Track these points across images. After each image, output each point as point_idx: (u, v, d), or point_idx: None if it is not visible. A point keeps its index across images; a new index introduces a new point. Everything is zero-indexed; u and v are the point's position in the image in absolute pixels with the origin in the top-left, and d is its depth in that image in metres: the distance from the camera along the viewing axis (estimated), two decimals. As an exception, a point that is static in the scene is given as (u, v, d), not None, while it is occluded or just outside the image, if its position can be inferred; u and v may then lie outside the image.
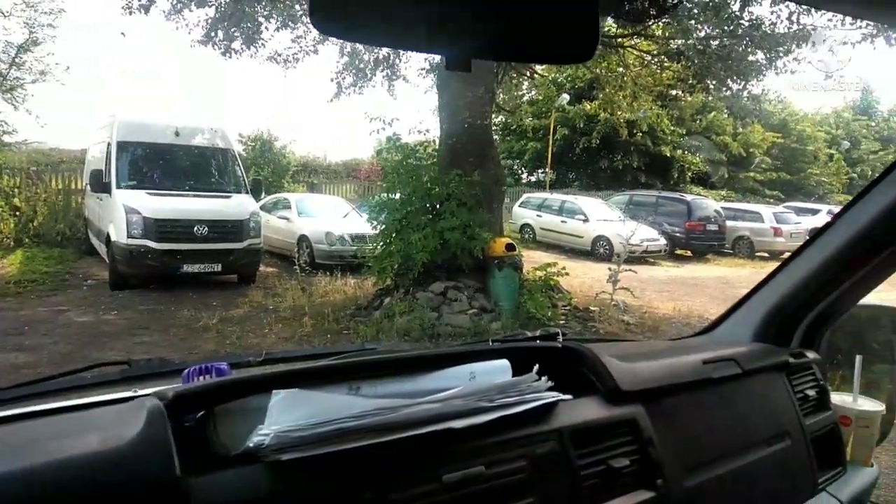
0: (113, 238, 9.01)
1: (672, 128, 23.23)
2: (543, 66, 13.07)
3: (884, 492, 4.10)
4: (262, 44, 10.20)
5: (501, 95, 12.35)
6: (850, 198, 1.34)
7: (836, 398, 1.38)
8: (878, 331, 1.61)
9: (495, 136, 26.19)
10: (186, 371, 0.99)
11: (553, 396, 0.89)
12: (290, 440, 0.75)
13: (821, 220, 21.90)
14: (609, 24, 9.75)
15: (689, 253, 17.26)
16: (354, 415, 0.78)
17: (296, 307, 8.13)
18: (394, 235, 7.94)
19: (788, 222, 18.15)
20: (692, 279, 13.36)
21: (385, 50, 10.84)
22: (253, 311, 8.26)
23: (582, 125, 20.47)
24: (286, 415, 0.76)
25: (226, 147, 10.61)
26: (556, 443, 0.86)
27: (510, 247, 8.06)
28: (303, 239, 11.61)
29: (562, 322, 8.07)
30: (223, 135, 10.67)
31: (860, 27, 7.95)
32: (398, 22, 0.62)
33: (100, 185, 9.42)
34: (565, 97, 19.36)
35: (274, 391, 0.77)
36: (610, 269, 8.92)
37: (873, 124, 38.26)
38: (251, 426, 0.78)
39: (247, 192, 10.36)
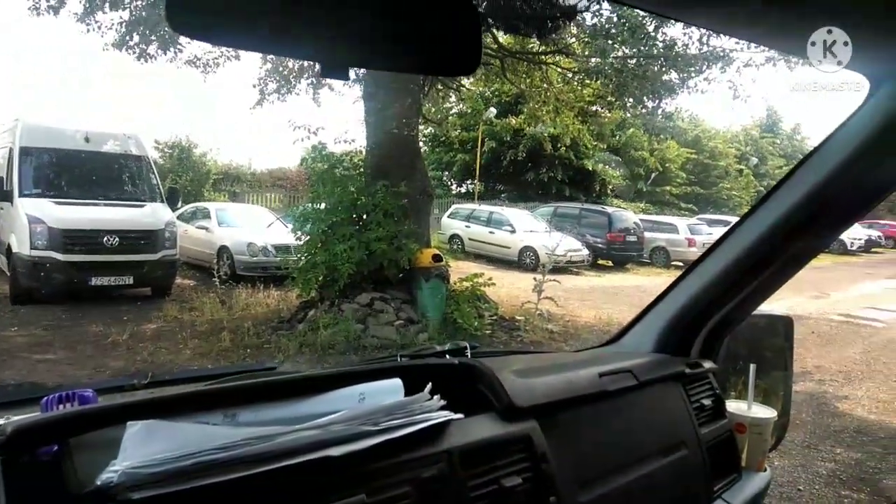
0: (15, 249, 8.41)
1: (594, 143, 24.08)
2: (471, 80, 13.30)
3: (781, 490, 4.34)
4: (180, 48, 9.82)
5: (430, 107, 12.41)
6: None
7: (732, 406, 1.42)
8: (773, 339, 1.67)
9: (424, 148, 26.48)
10: (45, 399, 0.89)
11: (443, 416, 0.86)
12: (142, 477, 0.68)
13: (731, 231, 23.19)
14: (532, 42, 10.00)
15: (610, 263, 17.85)
16: (220, 446, 0.72)
17: (214, 321, 7.80)
18: (319, 246, 7.77)
19: (701, 233, 19.09)
20: (612, 288, 13.80)
21: (310, 58, 10.70)
22: (167, 325, 7.87)
23: (509, 138, 20.89)
24: (141, 449, 0.69)
25: (139, 154, 10.10)
26: (444, 465, 0.83)
27: (437, 258, 8.06)
28: (223, 250, 11.19)
29: (488, 332, 8.14)
30: (137, 141, 10.16)
31: (764, 51, 8.50)
32: (268, 26, 0.58)
33: (0, 192, 8.77)
34: (492, 111, 19.72)
35: (129, 423, 0.70)
36: (535, 279, 9.07)
37: (778, 141, 41.05)
38: (110, 461, 0.71)
39: (162, 201, 9.90)
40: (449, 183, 28.72)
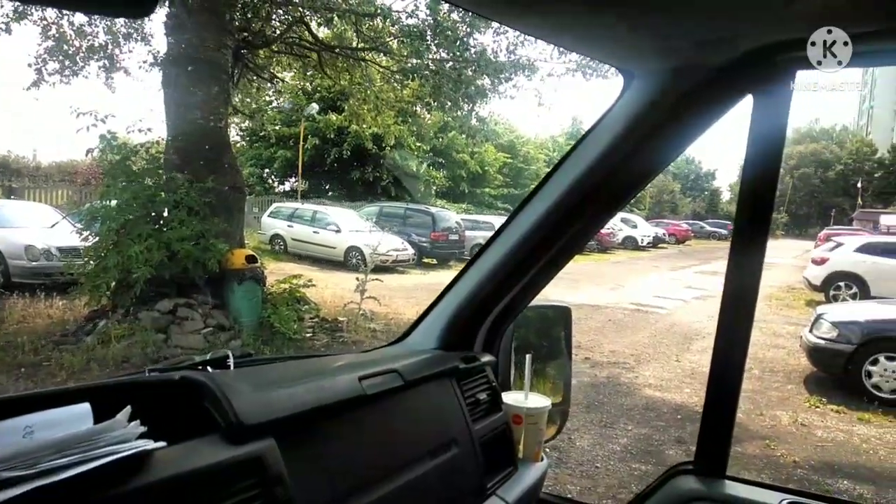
0: None
1: (417, 144, 24.58)
2: (292, 73, 12.80)
3: (581, 468, 4.68)
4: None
5: (244, 99, 11.70)
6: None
7: (510, 397, 1.40)
8: (552, 328, 1.70)
9: (241, 142, 25.10)
10: None
11: (137, 447, 0.68)
12: None
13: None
14: (350, 37, 9.86)
15: (434, 261, 18.32)
16: None
17: (-24, 338, 6.61)
18: (110, 248, 6.91)
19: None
20: (437, 285, 13.91)
21: (102, 37, 9.55)
22: None
23: (333, 136, 20.50)
24: None
25: None
26: None
27: (251, 258, 7.58)
28: (-7, 254, 9.57)
29: (308, 335, 7.87)
30: None
31: (565, 62, 9.21)
32: None
33: None
34: (314, 106, 19.21)
35: None
36: (357, 279, 8.95)
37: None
38: None
39: None
40: (270, 180, 27.55)
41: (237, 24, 8.22)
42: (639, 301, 13.01)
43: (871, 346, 6.70)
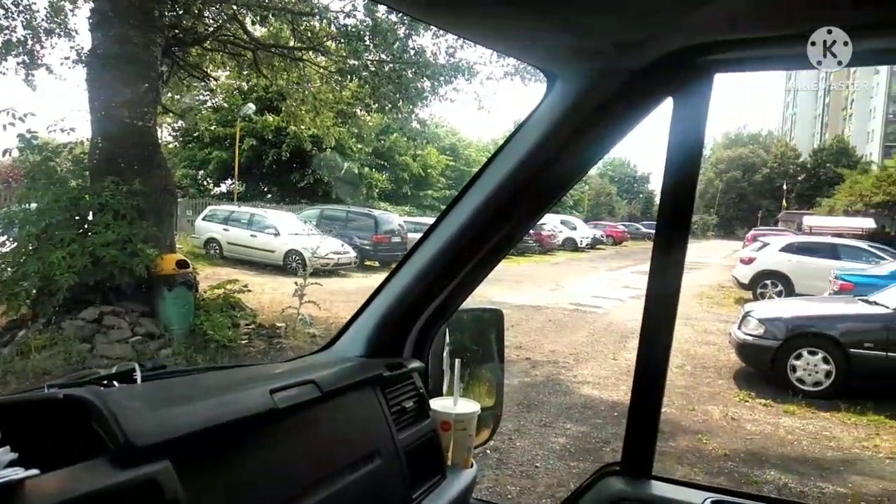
0: None
1: (359, 146, 24.34)
2: (227, 72, 12.44)
3: (521, 469, 4.71)
4: None
5: (175, 97, 11.28)
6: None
7: (439, 404, 1.37)
8: (484, 331, 1.68)
9: (174, 143, 24.23)
10: None
11: (4, 477, 0.61)
12: None
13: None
14: (286, 36, 9.65)
15: (376, 264, 18.18)
16: None
17: None
18: (30, 253, 6.52)
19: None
20: (378, 289, 14.00)
21: (21, 31, 9.02)
22: None
23: (271, 137, 20.06)
24: None
25: None
26: None
27: (182, 263, 7.31)
28: None
29: (244, 342, 7.66)
30: None
31: (504, 66, 9.30)
32: None
33: None
34: (251, 106, 18.76)
35: None
36: (296, 283, 8.75)
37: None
38: None
39: None
40: (205, 182, 26.66)
41: (167, 20, 7.91)
42: (578, 301, 13.28)
43: (795, 342, 7.04)
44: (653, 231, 1.28)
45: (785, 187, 52.79)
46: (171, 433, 0.76)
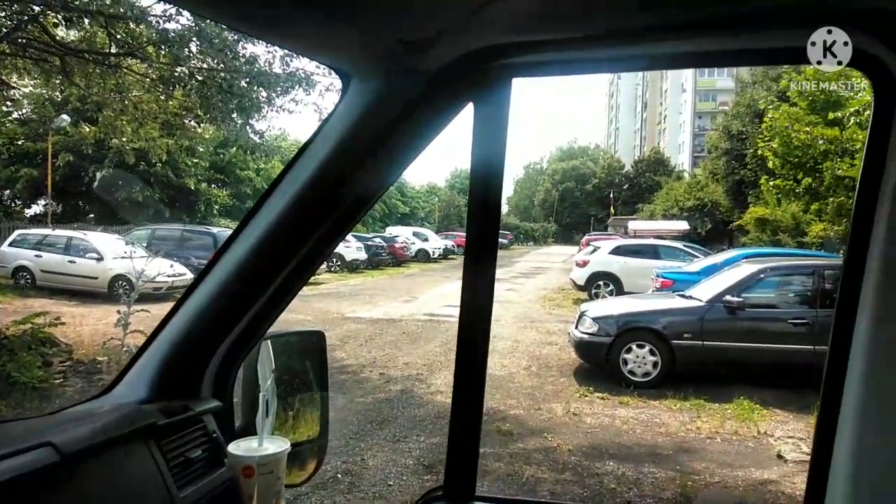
0: None
1: (194, 160, 22.77)
2: (34, 80, 11.00)
3: (374, 489, 4.55)
4: None
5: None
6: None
7: (241, 446, 1.19)
8: (304, 357, 1.54)
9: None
10: None
11: None
12: None
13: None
14: (102, 40, 8.71)
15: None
16: None
17: None
18: None
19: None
20: (221, 312, 13.15)
21: None
22: None
23: (90, 151, 18.10)
24: None
25: None
26: None
27: (-27, 298, 6.27)
28: None
29: (58, 381, 6.78)
30: None
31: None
32: None
33: None
34: (65, 118, 16.80)
35: None
36: (119, 311, 7.89)
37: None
38: None
39: None
40: (12, 204, 23.43)
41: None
42: (431, 311, 13.42)
43: (625, 337, 7.63)
44: (500, 240, 1.23)
45: (612, 195, 57.71)
46: None
